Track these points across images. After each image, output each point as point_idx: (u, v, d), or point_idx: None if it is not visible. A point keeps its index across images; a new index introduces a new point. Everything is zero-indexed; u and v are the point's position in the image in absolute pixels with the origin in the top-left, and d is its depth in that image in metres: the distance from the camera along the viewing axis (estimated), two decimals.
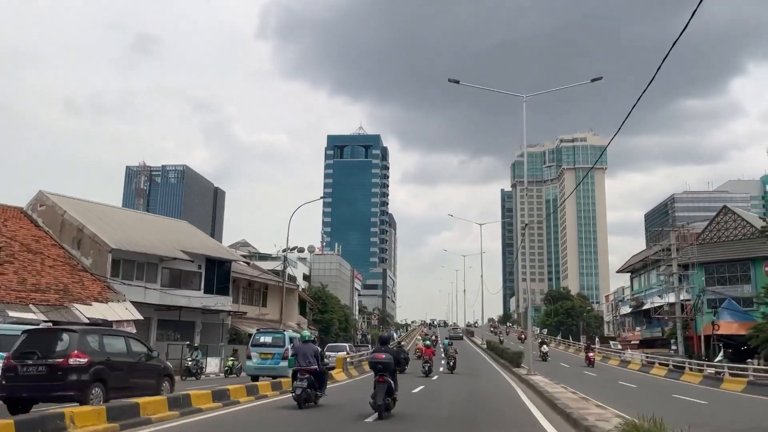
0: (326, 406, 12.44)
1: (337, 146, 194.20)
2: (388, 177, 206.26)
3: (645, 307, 57.14)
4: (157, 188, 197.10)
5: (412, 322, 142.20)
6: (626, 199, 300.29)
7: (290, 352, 18.96)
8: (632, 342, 58.00)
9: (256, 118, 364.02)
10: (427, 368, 24.24)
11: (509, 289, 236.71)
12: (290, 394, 12.53)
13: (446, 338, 36.99)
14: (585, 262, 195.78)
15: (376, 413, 10.34)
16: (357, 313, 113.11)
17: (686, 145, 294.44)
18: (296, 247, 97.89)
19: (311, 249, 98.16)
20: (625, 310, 66.28)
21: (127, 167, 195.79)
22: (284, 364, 19.50)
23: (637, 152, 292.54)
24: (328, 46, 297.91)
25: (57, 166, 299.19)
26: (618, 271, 65.75)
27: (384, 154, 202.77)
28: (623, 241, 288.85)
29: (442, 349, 31.79)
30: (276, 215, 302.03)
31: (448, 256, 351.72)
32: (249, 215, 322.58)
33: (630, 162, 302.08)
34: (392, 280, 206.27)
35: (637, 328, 60.48)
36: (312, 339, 13.40)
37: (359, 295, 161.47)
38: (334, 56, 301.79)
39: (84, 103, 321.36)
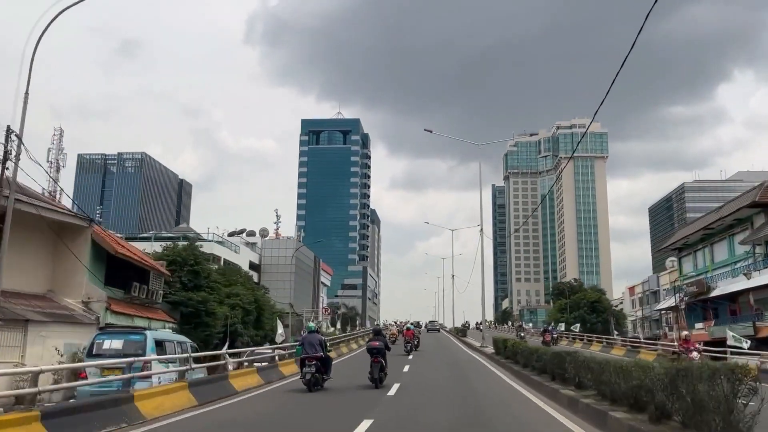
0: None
1: (313, 131, 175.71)
2: (369, 167, 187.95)
3: (714, 293, 39.78)
4: (113, 177, 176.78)
5: (392, 323, 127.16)
6: (614, 204, 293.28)
7: (154, 363, 13.05)
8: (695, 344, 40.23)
9: (243, 123, 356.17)
10: (409, 347, 29.52)
11: (501, 291, 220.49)
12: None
13: (411, 324, 41.26)
14: (585, 259, 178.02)
15: (374, 384, 13.91)
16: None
17: (671, 151, 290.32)
18: (244, 229, 79.66)
19: (263, 232, 79.40)
20: (670, 301, 48.65)
21: (78, 155, 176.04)
22: (144, 384, 11.63)
23: (622, 158, 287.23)
24: (315, 51, 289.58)
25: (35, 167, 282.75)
26: (660, 250, 48.18)
27: (365, 141, 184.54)
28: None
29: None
30: (261, 215, 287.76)
31: (434, 257, 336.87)
32: (235, 217, 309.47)
33: (616, 168, 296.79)
34: (374, 280, 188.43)
35: (698, 325, 42.78)
36: (316, 329, 14.44)
37: (336, 296, 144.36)
38: (321, 62, 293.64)
39: (69, 107, 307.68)
